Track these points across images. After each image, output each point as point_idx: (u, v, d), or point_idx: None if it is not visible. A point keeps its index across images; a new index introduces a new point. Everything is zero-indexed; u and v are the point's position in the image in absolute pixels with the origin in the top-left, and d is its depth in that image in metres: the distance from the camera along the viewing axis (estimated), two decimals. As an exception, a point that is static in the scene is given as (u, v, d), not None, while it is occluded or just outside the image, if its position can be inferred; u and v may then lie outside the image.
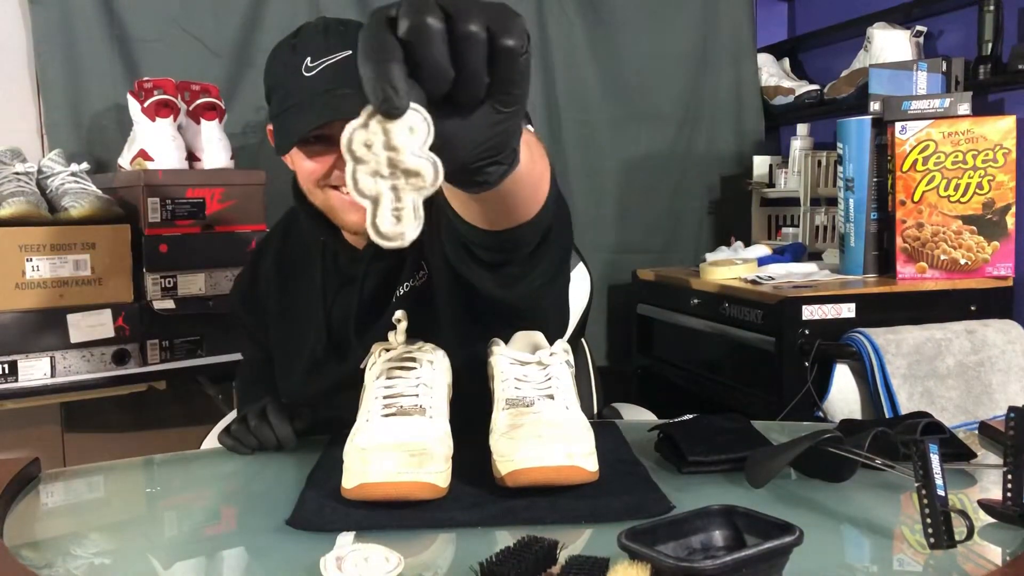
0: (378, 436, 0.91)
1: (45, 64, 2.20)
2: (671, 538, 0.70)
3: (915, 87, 2.18)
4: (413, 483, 0.88)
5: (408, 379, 0.98)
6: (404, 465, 0.88)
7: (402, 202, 0.56)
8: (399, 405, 0.95)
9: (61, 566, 0.82)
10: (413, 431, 0.91)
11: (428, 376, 1.00)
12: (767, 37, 3.02)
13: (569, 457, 0.89)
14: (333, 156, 1.11)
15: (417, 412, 0.94)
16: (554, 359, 1.01)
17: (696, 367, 2.46)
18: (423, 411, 0.95)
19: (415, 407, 0.95)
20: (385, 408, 0.95)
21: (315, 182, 1.14)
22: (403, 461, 0.88)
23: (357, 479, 0.88)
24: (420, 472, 0.88)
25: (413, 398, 0.96)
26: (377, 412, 0.95)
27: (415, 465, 0.88)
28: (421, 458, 0.88)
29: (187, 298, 2.01)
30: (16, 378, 1.80)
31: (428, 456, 0.89)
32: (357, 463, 0.89)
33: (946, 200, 2.06)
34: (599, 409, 1.65)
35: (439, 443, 0.92)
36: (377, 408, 0.95)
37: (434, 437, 0.92)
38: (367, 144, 0.55)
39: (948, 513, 0.75)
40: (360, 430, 0.93)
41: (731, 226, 2.86)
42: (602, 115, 2.78)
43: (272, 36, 2.46)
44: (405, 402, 0.95)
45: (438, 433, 0.93)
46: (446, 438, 0.95)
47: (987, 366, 1.94)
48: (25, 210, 1.80)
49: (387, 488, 0.87)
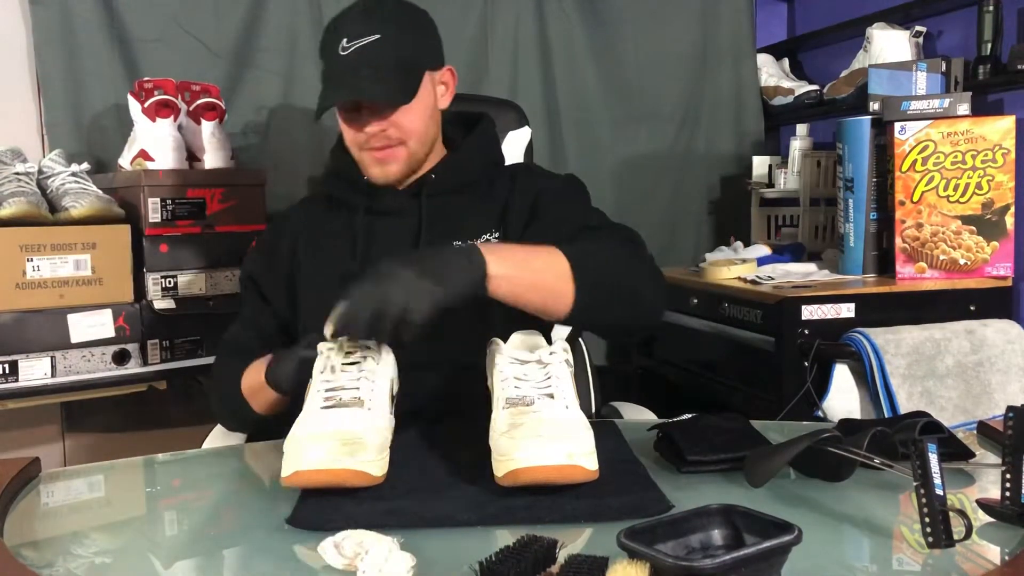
0: (313, 426, 0.94)
1: (45, 64, 2.20)
2: (670, 537, 0.71)
3: (915, 87, 2.18)
4: (345, 471, 0.90)
5: (350, 372, 1.01)
6: (336, 453, 0.90)
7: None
8: (339, 397, 0.97)
9: (61, 566, 0.82)
10: (348, 421, 0.94)
11: (371, 370, 1.02)
12: (767, 37, 3.02)
13: (569, 456, 0.90)
14: (364, 123, 1.28)
15: (355, 404, 0.96)
16: (553, 358, 1.01)
17: (696, 367, 2.46)
18: (361, 403, 0.97)
19: (354, 399, 0.97)
20: (325, 400, 0.97)
21: (354, 144, 1.32)
22: (335, 449, 0.90)
23: (292, 467, 0.91)
24: (352, 460, 0.90)
25: (353, 391, 0.98)
26: (317, 404, 0.97)
27: (346, 453, 0.90)
28: (353, 447, 0.91)
29: (187, 298, 2.01)
30: (16, 378, 1.80)
31: (360, 445, 0.91)
32: (292, 452, 0.92)
33: (945, 200, 2.06)
34: (597, 408, 1.66)
35: (374, 433, 0.94)
36: (318, 400, 0.98)
37: (370, 427, 0.94)
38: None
39: (947, 512, 0.75)
40: (299, 421, 0.96)
41: (731, 226, 2.86)
42: (602, 115, 2.78)
43: (272, 36, 2.48)
44: (345, 395, 0.98)
45: (375, 423, 0.95)
46: (384, 430, 0.97)
47: (986, 366, 1.94)
48: (25, 210, 1.80)
49: (319, 475, 0.90)
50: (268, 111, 2.41)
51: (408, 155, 1.31)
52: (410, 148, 1.31)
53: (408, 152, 1.31)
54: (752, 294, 2.12)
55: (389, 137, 1.29)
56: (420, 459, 1.07)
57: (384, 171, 1.32)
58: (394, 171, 1.32)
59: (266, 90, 2.41)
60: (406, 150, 1.31)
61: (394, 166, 1.31)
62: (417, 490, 0.95)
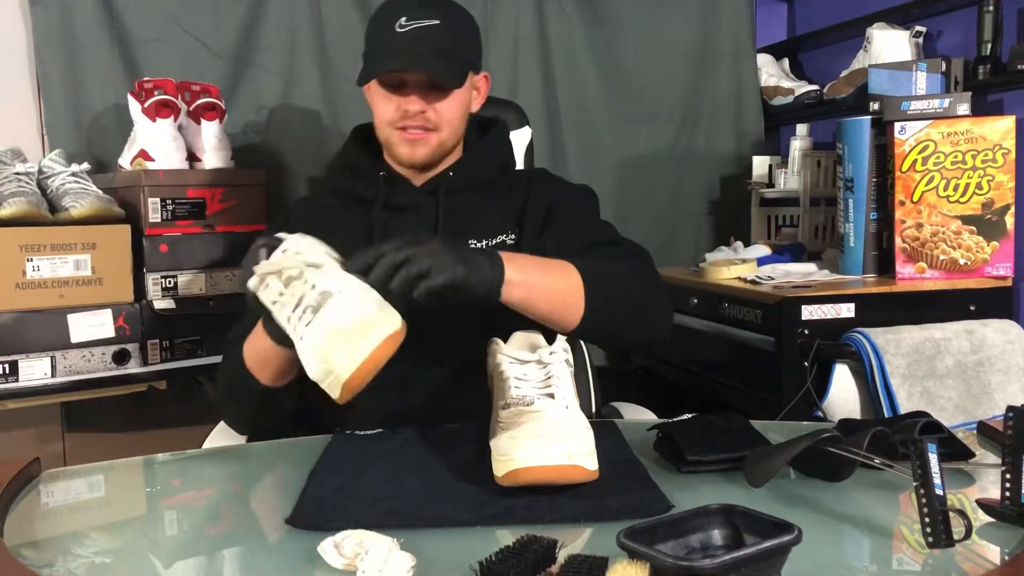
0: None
1: (45, 64, 2.20)
2: (670, 537, 0.71)
3: (914, 87, 2.18)
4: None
5: (300, 288, 0.98)
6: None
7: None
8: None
9: (61, 566, 0.82)
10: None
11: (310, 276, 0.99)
12: (767, 37, 3.02)
13: (569, 456, 0.90)
14: (406, 101, 1.29)
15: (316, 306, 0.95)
16: (554, 358, 1.01)
17: (696, 367, 2.46)
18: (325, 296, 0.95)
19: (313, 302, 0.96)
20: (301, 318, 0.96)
21: (387, 121, 1.32)
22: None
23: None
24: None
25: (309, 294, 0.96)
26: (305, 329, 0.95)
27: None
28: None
29: (187, 298, 2.01)
30: (16, 378, 1.80)
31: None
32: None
33: (945, 200, 2.06)
34: (597, 408, 1.66)
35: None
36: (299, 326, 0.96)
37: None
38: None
39: (947, 512, 0.75)
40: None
41: (731, 226, 2.86)
42: (602, 115, 2.78)
43: (272, 36, 2.48)
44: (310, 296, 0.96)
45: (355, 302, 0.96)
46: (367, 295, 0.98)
47: (986, 366, 1.94)
48: (25, 210, 1.80)
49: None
50: (268, 111, 2.41)
51: (439, 143, 1.33)
52: (442, 136, 1.33)
53: (439, 140, 1.33)
54: (752, 294, 2.12)
55: (427, 120, 1.31)
56: (420, 459, 1.07)
57: (412, 152, 1.33)
58: (422, 154, 1.33)
59: (266, 90, 2.41)
60: (438, 137, 1.33)
61: (423, 149, 1.33)
62: (417, 490, 0.95)
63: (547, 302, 1.12)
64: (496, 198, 1.40)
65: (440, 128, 1.32)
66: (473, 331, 1.11)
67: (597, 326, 1.17)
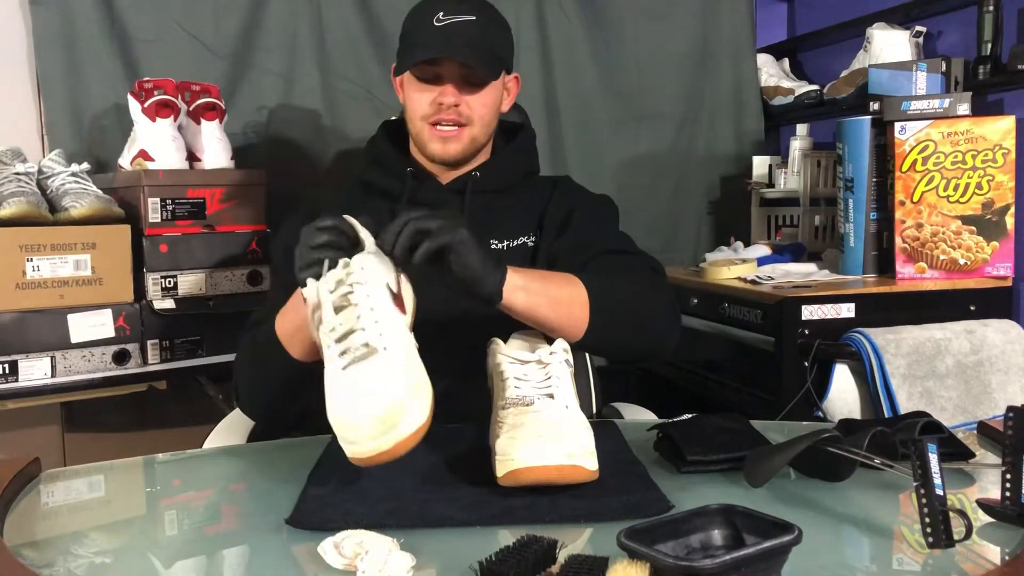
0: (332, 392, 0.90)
1: (45, 64, 2.20)
2: (670, 537, 0.70)
3: (915, 87, 2.18)
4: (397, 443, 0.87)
5: (350, 314, 0.93)
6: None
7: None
8: (348, 347, 0.91)
9: (61, 566, 0.82)
10: (368, 380, 0.88)
11: (367, 308, 0.94)
12: (767, 37, 3.02)
13: (570, 456, 0.90)
14: (441, 93, 1.30)
15: (371, 352, 0.90)
16: (553, 358, 1.01)
17: (696, 367, 2.46)
18: (373, 350, 0.90)
19: (364, 345, 0.91)
20: (341, 356, 0.91)
21: (421, 115, 1.33)
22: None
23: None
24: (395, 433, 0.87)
25: (363, 333, 0.91)
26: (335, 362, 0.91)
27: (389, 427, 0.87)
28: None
29: (187, 298, 2.01)
30: (16, 378, 1.80)
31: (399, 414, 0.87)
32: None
33: (945, 200, 2.06)
34: (598, 408, 1.66)
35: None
36: (336, 360, 0.91)
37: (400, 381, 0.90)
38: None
39: (947, 512, 0.75)
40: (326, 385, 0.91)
41: (731, 226, 2.86)
42: (602, 115, 2.78)
43: (272, 36, 2.48)
44: (356, 343, 0.91)
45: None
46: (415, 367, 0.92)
47: (986, 366, 1.94)
48: (25, 210, 1.80)
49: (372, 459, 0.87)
50: (268, 111, 2.41)
51: (471, 139, 1.34)
52: (474, 132, 1.34)
53: (471, 136, 1.34)
54: (752, 294, 2.12)
55: (460, 114, 1.32)
56: (420, 460, 1.07)
57: (444, 148, 1.34)
58: (453, 150, 1.34)
59: (266, 90, 2.41)
60: (470, 133, 1.34)
61: (455, 145, 1.34)
62: (417, 490, 0.95)
63: (551, 311, 1.11)
64: (519, 201, 1.41)
65: (472, 123, 1.33)
66: (476, 337, 1.11)
67: (600, 339, 1.17)
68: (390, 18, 2.41)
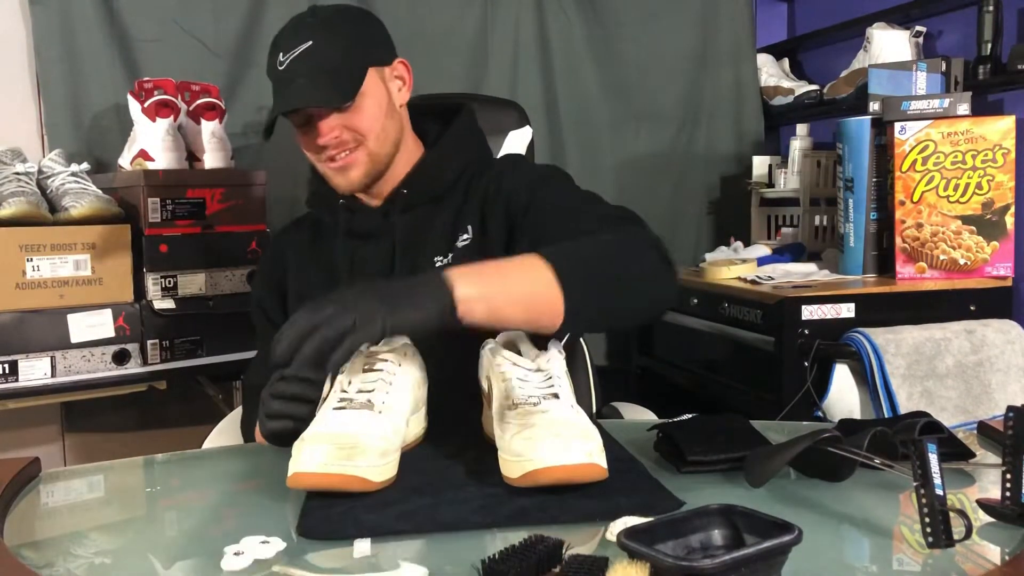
0: (319, 428, 0.93)
1: (45, 64, 2.20)
2: (670, 537, 0.70)
3: (914, 87, 2.18)
4: (340, 475, 0.89)
5: (370, 376, 1.00)
6: (334, 457, 0.89)
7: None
8: (350, 399, 0.97)
9: (61, 566, 0.82)
10: (351, 425, 0.93)
11: (390, 373, 1.01)
12: (767, 37, 3.02)
13: (588, 455, 0.89)
14: (316, 133, 1.26)
15: (365, 407, 0.95)
16: (552, 358, 1.01)
17: (696, 367, 2.46)
18: (371, 406, 0.96)
19: (365, 403, 0.96)
20: (338, 402, 0.97)
21: (314, 157, 1.29)
22: (331, 453, 0.89)
23: (293, 468, 0.90)
24: (349, 465, 0.89)
25: (367, 394, 0.97)
26: (330, 406, 0.97)
27: (343, 457, 0.89)
28: (351, 451, 0.90)
29: (187, 298, 2.01)
30: (16, 378, 1.80)
31: (358, 450, 0.90)
32: (296, 453, 0.91)
33: (945, 200, 2.06)
34: (598, 408, 1.65)
35: (378, 438, 0.93)
36: (332, 402, 0.97)
37: (373, 433, 0.93)
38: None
39: (947, 512, 0.75)
40: (312, 422, 0.95)
41: (731, 226, 2.86)
42: (602, 115, 2.78)
43: (272, 36, 2.47)
44: (358, 397, 0.97)
45: (381, 430, 0.94)
46: (391, 435, 0.95)
47: (986, 366, 1.94)
48: (25, 210, 1.80)
49: (316, 478, 0.89)
50: (268, 111, 2.40)
51: (368, 156, 1.26)
52: (369, 148, 1.26)
53: (368, 153, 1.26)
54: (752, 294, 2.12)
55: (344, 141, 1.25)
56: (420, 462, 1.07)
57: (347, 178, 1.27)
58: (357, 176, 1.27)
59: (266, 90, 2.39)
60: (365, 151, 1.26)
61: (355, 171, 1.27)
62: (427, 494, 0.94)
63: (519, 307, 1.00)
64: (457, 200, 1.31)
65: (364, 140, 1.25)
66: (455, 345, 1.07)
67: (586, 315, 1.04)
68: (389, 18, 2.40)
